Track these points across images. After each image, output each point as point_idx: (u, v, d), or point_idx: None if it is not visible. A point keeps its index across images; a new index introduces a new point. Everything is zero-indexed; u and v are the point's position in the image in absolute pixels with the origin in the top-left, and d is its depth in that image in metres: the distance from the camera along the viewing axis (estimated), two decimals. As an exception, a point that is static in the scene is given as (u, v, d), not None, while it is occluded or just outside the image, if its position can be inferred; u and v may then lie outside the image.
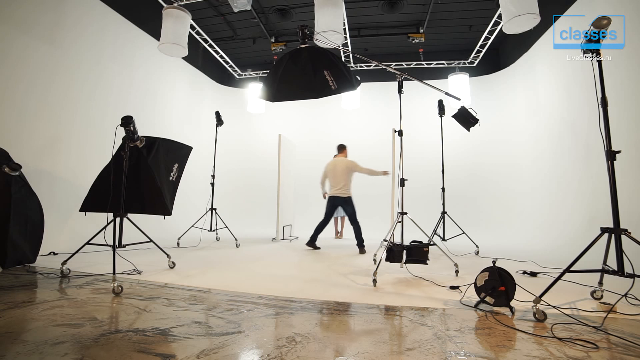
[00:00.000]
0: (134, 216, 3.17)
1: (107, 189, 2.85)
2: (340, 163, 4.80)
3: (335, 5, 4.53)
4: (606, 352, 1.49)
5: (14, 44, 3.80)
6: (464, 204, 7.09)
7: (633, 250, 1.97)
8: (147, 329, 1.67)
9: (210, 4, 6.16)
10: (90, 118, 4.74)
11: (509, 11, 3.69)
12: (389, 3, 6.08)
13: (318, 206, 7.47)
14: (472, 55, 7.36)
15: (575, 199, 4.75)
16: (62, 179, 4.24)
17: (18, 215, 2.99)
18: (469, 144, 7.27)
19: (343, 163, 4.80)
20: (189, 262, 3.59)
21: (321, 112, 8.19)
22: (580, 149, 4.67)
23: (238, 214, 7.54)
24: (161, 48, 4.70)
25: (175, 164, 3.71)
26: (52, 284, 2.54)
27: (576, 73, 4.68)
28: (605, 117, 2.06)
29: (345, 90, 2.84)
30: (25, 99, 3.90)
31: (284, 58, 2.84)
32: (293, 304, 2.16)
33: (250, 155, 8.49)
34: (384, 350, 1.50)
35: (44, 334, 1.58)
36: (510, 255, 4.17)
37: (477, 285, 2.17)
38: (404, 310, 2.08)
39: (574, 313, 2.03)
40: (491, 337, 1.66)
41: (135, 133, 2.84)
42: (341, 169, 4.75)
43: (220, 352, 1.43)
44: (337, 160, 4.88)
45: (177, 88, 6.94)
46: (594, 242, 1.99)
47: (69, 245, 3.57)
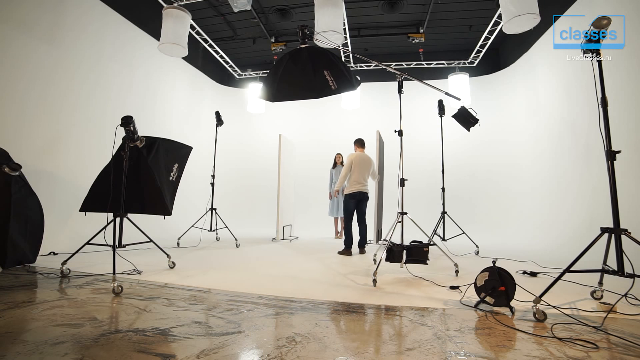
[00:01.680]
0: (134, 216, 3.17)
1: (107, 189, 2.85)
2: (366, 158, 4.55)
3: (335, 5, 4.53)
4: (606, 352, 1.49)
5: (14, 43, 3.80)
6: (464, 204, 7.09)
7: (633, 250, 1.97)
8: (147, 329, 1.67)
9: (210, 4, 6.16)
10: (90, 118, 4.74)
11: (509, 11, 3.69)
12: (389, 3, 6.08)
13: (318, 206, 7.50)
14: (472, 55, 7.36)
15: (575, 199, 4.75)
16: (62, 179, 4.24)
17: (18, 215, 2.99)
18: (469, 144, 7.27)
19: (369, 159, 4.58)
20: (189, 262, 3.59)
21: (321, 112, 8.20)
22: (580, 149, 4.67)
23: (238, 214, 7.54)
24: (161, 48, 4.70)
25: (175, 164, 3.71)
26: (52, 284, 2.54)
27: (576, 73, 4.68)
28: (605, 117, 2.06)
29: (345, 90, 2.85)
30: (25, 98, 3.90)
31: (284, 58, 2.84)
32: (293, 304, 2.16)
33: (250, 155, 8.49)
34: (384, 350, 1.50)
35: (44, 334, 1.58)
36: (510, 255, 4.17)
37: (477, 285, 2.17)
38: (404, 310, 2.08)
39: (574, 313, 2.03)
40: (491, 337, 1.66)
41: (135, 133, 2.84)
42: (367, 164, 4.52)
43: (220, 352, 1.43)
44: (363, 155, 4.57)
45: (177, 88, 6.94)
46: (594, 242, 1.99)
47: (69, 245, 3.57)
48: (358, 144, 4.76)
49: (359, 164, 4.47)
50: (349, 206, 4.44)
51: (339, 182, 4.61)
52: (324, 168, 7.13)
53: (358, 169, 4.45)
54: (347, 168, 4.51)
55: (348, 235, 4.39)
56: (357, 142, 4.78)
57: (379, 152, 5.36)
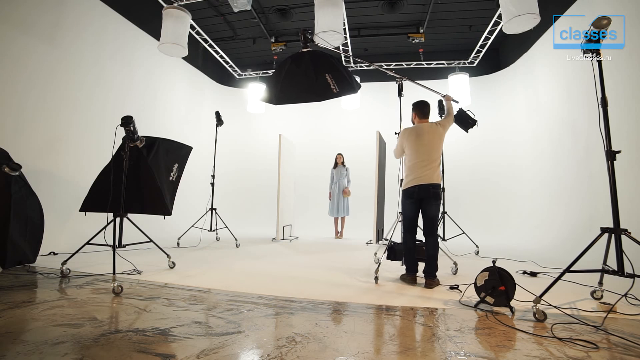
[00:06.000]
0: (134, 216, 3.17)
1: (107, 189, 2.85)
2: (429, 129, 2.88)
3: (335, 5, 4.52)
4: (606, 352, 1.49)
5: (14, 43, 3.80)
6: (464, 204, 7.09)
7: (633, 250, 1.97)
8: (147, 329, 1.67)
9: (210, 4, 6.15)
10: (90, 118, 4.74)
11: (509, 11, 3.69)
12: (389, 3, 6.07)
13: (318, 206, 7.50)
14: (472, 55, 7.35)
15: (575, 199, 4.75)
16: (62, 179, 4.24)
17: (18, 215, 2.99)
18: (469, 144, 7.26)
19: (434, 129, 2.87)
20: (189, 262, 3.59)
21: (321, 112, 8.20)
22: (580, 149, 4.67)
23: (238, 214, 7.54)
24: (161, 48, 4.70)
25: (175, 164, 3.71)
26: (52, 284, 2.54)
27: (576, 73, 4.68)
28: (605, 117, 2.06)
29: (346, 93, 2.89)
30: (24, 98, 3.90)
31: (286, 62, 2.89)
32: (293, 304, 2.16)
33: (250, 155, 8.49)
34: (384, 350, 1.50)
35: (44, 334, 1.58)
36: (510, 255, 4.17)
37: (477, 285, 2.17)
38: (404, 310, 2.08)
39: (574, 313, 2.03)
40: (491, 337, 1.66)
41: (135, 133, 2.84)
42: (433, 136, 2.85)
43: (220, 352, 1.43)
44: (423, 126, 2.92)
45: (177, 88, 6.93)
46: (594, 242, 1.99)
47: (69, 245, 3.57)
48: (421, 111, 3.01)
49: (414, 141, 2.87)
50: (406, 209, 2.91)
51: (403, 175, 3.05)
52: (324, 168, 7.14)
53: (414, 148, 2.87)
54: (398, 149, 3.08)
55: (407, 252, 2.91)
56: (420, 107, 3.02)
57: (379, 152, 5.36)
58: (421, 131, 2.87)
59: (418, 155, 2.83)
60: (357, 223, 6.87)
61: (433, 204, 2.78)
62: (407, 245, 2.90)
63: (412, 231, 2.87)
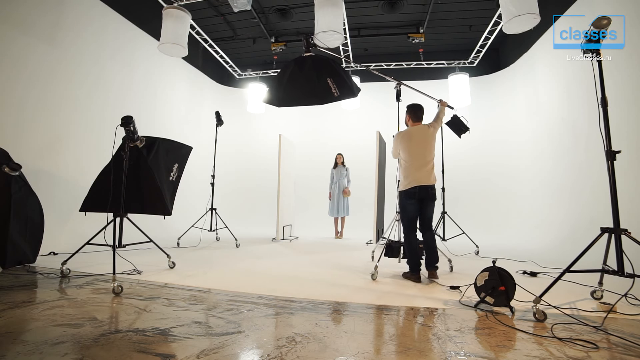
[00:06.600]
0: (134, 216, 3.17)
1: (107, 189, 2.85)
2: (419, 131, 3.05)
3: (335, 5, 4.52)
4: (606, 352, 1.49)
5: (14, 43, 3.80)
6: (464, 204, 7.09)
7: (633, 250, 1.97)
8: (147, 329, 1.67)
9: (210, 4, 6.15)
10: (90, 118, 4.74)
11: (509, 11, 3.69)
12: (389, 3, 6.08)
13: (317, 206, 7.50)
14: (472, 55, 7.35)
15: (575, 199, 4.75)
16: (62, 179, 4.24)
17: (18, 215, 2.99)
18: (469, 144, 7.24)
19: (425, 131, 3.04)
20: (189, 262, 3.59)
21: (321, 112, 8.19)
22: (580, 149, 4.67)
23: (238, 214, 7.54)
24: (161, 48, 4.70)
25: (175, 164, 3.71)
26: (52, 284, 2.54)
27: (576, 73, 4.68)
28: (605, 117, 2.06)
29: (347, 97, 2.98)
30: (24, 98, 3.90)
31: (289, 65, 2.95)
32: (293, 304, 2.16)
33: (250, 156, 8.49)
34: (384, 350, 1.50)
35: (44, 334, 1.58)
36: (510, 255, 4.17)
37: (477, 285, 2.17)
38: (403, 310, 2.08)
39: (574, 313, 2.03)
40: (491, 337, 1.66)
41: (135, 133, 2.84)
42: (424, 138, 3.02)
43: (220, 352, 1.43)
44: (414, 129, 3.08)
45: (177, 88, 6.93)
46: (594, 242, 1.99)
47: (69, 245, 3.57)
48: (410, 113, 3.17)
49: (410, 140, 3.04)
50: (408, 210, 3.01)
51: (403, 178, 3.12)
52: (324, 168, 7.13)
53: (409, 148, 3.02)
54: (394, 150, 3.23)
55: (411, 251, 2.95)
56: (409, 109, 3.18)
57: (379, 152, 5.36)
58: (413, 134, 3.06)
59: (413, 157, 3.01)
60: (357, 223, 6.87)
61: (431, 204, 3.00)
62: (411, 245, 2.96)
63: (414, 230, 3.01)
